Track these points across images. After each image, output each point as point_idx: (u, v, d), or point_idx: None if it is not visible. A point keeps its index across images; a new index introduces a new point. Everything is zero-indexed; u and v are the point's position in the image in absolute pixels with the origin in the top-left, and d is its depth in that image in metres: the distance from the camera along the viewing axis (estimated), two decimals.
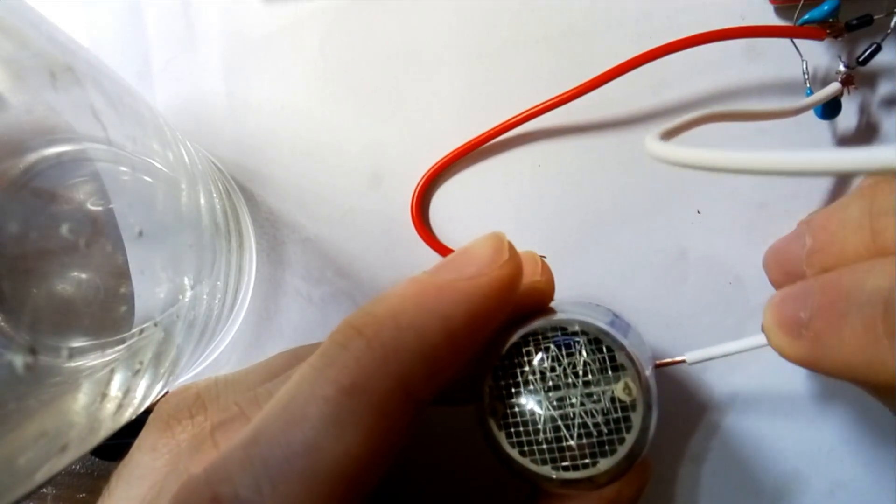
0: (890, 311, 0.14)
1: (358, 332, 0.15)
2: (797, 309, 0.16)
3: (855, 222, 0.16)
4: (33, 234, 0.18)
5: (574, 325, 0.17)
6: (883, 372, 0.14)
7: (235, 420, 0.17)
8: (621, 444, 0.16)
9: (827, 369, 0.16)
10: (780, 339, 0.17)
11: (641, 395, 0.16)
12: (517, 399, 0.17)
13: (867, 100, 0.23)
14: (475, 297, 0.16)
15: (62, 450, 0.16)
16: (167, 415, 0.19)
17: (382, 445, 0.15)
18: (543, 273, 0.19)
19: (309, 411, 0.15)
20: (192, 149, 0.22)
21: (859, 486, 0.23)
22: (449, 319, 0.15)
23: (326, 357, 0.15)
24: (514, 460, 0.17)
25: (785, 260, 0.20)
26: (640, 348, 0.18)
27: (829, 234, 0.17)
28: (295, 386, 0.15)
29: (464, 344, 0.16)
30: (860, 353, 0.14)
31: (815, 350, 0.16)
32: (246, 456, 0.14)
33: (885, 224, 0.16)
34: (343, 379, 0.15)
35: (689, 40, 0.22)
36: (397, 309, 0.16)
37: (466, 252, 0.17)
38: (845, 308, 0.15)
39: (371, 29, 0.25)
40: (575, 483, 0.17)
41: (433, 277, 0.16)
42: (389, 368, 0.15)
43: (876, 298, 0.14)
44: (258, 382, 0.20)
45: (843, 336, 0.15)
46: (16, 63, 0.16)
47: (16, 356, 0.16)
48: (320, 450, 0.14)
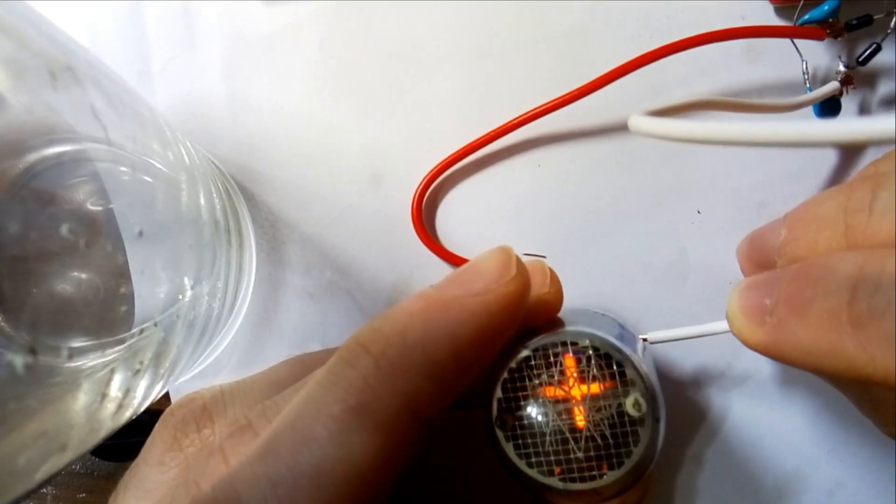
0: (856, 299, 0.14)
1: (365, 350, 0.15)
2: (762, 296, 0.16)
3: (830, 217, 0.16)
4: (33, 235, 0.18)
5: (584, 339, 0.17)
6: (843, 360, 0.14)
7: (244, 433, 0.17)
8: (628, 458, 0.16)
9: (787, 356, 0.16)
10: (742, 325, 0.17)
11: (650, 410, 0.17)
12: (525, 411, 0.17)
13: (867, 100, 0.23)
14: (482, 315, 0.15)
15: (62, 450, 0.16)
16: (174, 427, 0.19)
17: (389, 464, 0.15)
18: (552, 284, 0.19)
19: (316, 430, 0.15)
20: (192, 149, 0.22)
21: (859, 486, 0.23)
22: (456, 337, 0.15)
23: (334, 375, 0.15)
24: (522, 471, 0.17)
25: (758, 250, 0.19)
26: (647, 360, 0.18)
27: (804, 227, 0.17)
28: (302, 403, 0.15)
29: (471, 361, 0.16)
30: (822, 340, 0.14)
31: (778, 336, 0.16)
32: (253, 474, 0.15)
33: (858, 220, 0.16)
34: (350, 398, 0.15)
35: (690, 41, 0.22)
36: (405, 326, 0.16)
37: (474, 267, 0.17)
38: (812, 295, 0.15)
39: (371, 29, 0.25)
40: (581, 495, 0.17)
41: (440, 293, 0.16)
42: (396, 387, 0.15)
43: (843, 286, 0.14)
44: (265, 393, 0.20)
45: (808, 322, 0.15)
46: (16, 63, 0.16)
47: (16, 356, 0.16)
48: (328, 471, 0.14)
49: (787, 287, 0.16)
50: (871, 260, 0.14)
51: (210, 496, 0.15)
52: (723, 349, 0.24)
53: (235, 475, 0.15)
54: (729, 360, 0.24)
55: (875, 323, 0.13)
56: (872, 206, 0.15)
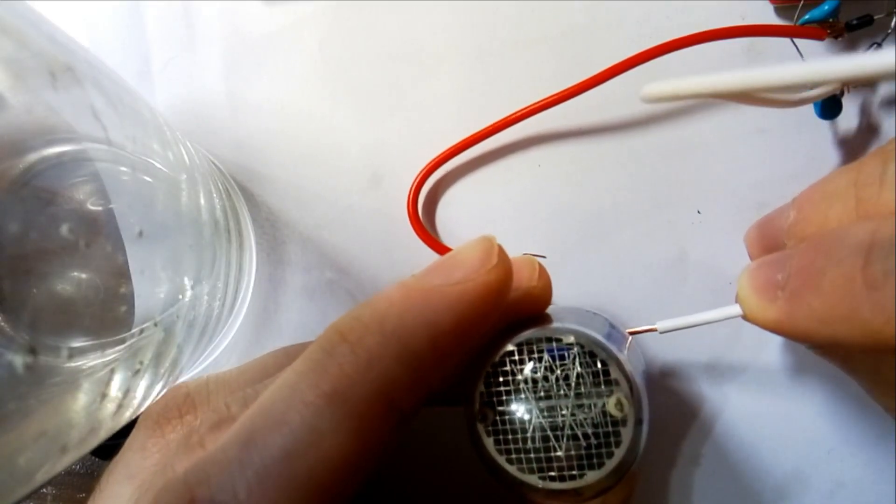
0: (870, 263, 0.14)
1: (342, 338, 0.15)
2: (774, 272, 0.16)
3: (840, 192, 0.16)
4: (33, 234, 0.18)
5: (569, 335, 0.17)
6: (859, 326, 0.14)
7: (224, 421, 0.17)
8: (609, 459, 0.16)
9: (801, 329, 0.15)
10: (753, 303, 0.17)
11: (633, 411, 0.16)
12: (507, 406, 0.17)
13: (867, 100, 0.23)
14: (461, 304, 0.15)
15: (62, 450, 0.16)
16: (157, 414, 0.19)
17: (362, 453, 0.15)
18: (541, 279, 0.19)
19: (289, 416, 0.15)
20: (192, 149, 0.22)
21: (859, 486, 0.23)
22: (434, 326, 0.15)
23: (310, 361, 0.15)
24: (501, 467, 0.17)
25: (767, 235, 0.19)
26: (634, 361, 0.18)
27: (813, 206, 0.17)
28: (277, 390, 0.15)
29: (450, 351, 0.16)
30: (838, 307, 0.14)
31: (792, 310, 0.15)
32: (225, 458, 0.14)
33: (869, 193, 0.15)
34: (324, 385, 0.15)
35: (690, 39, 0.22)
36: (383, 315, 0.15)
37: (455, 256, 0.17)
38: (824, 264, 0.15)
39: (371, 29, 0.25)
40: (560, 494, 0.16)
41: (420, 282, 0.16)
42: (372, 375, 0.15)
43: (857, 252, 0.14)
44: (250, 382, 0.20)
45: (822, 291, 0.15)
46: (16, 63, 0.16)
47: (16, 356, 0.16)
48: (298, 456, 0.14)
49: (799, 260, 0.15)
50: (885, 225, 0.14)
51: (181, 479, 0.15)
52: (723, 347, 0.24)
53: (208, 459, 0.15)
54: (729, 357, 0.24)
55: (891, 283, 0.13)
56: (883, 177, 0.15)
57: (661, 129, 0.24)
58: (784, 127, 0.23)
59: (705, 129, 0.24)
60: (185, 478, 0.15)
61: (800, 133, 0.23)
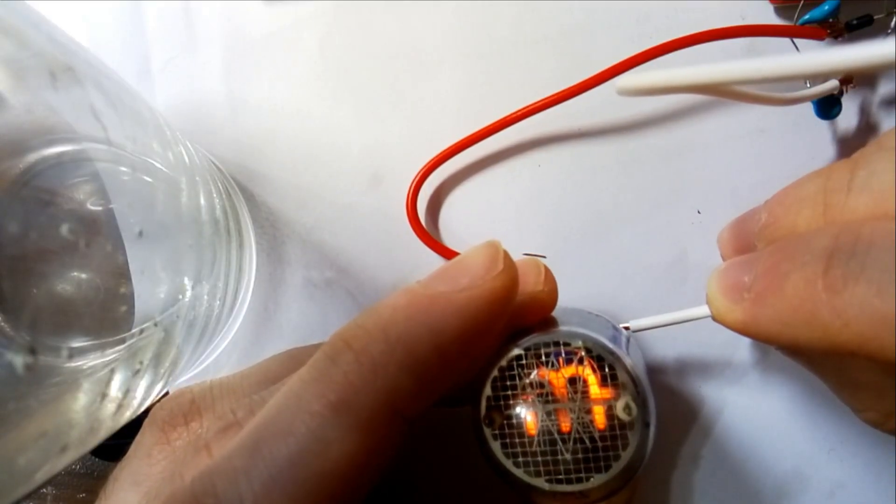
0: (831, 267, 0.14)
1: (347, 346, 0.15)
2: (741, 274, 0.16)
3: (809, 197, 0.16)
4: (33, 234, 0.18)
5: (577, 340, 0.17)
6: (819, 330, 0.14)
7: (231, 428, 0.17)
8: (616, 461, 0.16)
9: (763, 331, 0.16)
10: (720, 304, 0.17)
11: (640, 414, 0.16)
12: (514, 410, 0.17)
13: (867, 100, 0.23)
14: (467, 310, 0.15)
15: (62, 450, 0.16)
16: (162, 421, 0.19)
17: (369, 462, 0.15)
18: (547, 283, 0.18)
19: (295, 426, 0.15)
20: (192, 149, 0.22)
21: (859, 486, 0.23)
22: (439, 334, 0.15)
23: (315, 370, 0.15)
24: (508, 471, 0.17)
25: (738, 237, 0.19)
26: (637, 362, 0.18)
27: (784, 209, 0.17)
28: (283, 399, 0.15)
29: (455, 358, 0.15)
30: (799, 311, 0.14)
31: (756, 312, 0.16)
32: (231, 468, 0.14)
33: (837, 199, 0.16)
34: (330, 394, 0.15)
35: (690, 39, 0.22)
36: (388, 322, 0.15)
37: (460, 262, 0.16)
38: (788, 267, 0.15)
39: (371, 29, 0.25)
40: (567, 497, 0.17)
41: (425, 288, 0.16)
42: (377, 384, 0.15)
43: (819, 256, 0.14)
44: (254, 387, 0.20)
45: (785, 293, 0.15)
46: (16, 63, 0.16)
47: (16, 356, 0.16)
48: (305, 466, 0.14)
49: (765, 262, 0.16)
50: (847, 230, 0.14)
51: (188, 489, 0.15)
52: (723, 347, 0.24)
53: (215, 468, 0.15)
54: (729, 357, 0.24)
55: (849, 288, 0.13)
56: (851, 184, 0.15)
57: (661, 130, 0.24)
58: (784, 127, 0.23)
59: (705, 129, 0.24)
60: (192, 487, 0.15)
61: (799, 133, 0.23)
